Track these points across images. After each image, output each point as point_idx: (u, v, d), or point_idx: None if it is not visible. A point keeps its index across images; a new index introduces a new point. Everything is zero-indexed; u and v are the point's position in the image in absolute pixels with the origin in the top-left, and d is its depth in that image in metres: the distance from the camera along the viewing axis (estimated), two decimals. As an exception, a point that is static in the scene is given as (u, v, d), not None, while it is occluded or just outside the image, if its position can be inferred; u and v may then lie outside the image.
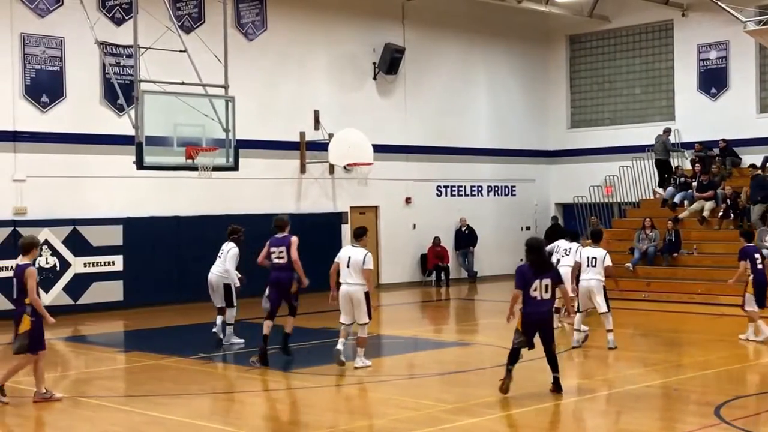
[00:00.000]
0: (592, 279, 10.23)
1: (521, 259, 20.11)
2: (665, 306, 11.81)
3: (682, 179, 17.98)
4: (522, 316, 7.80)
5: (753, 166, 17.41)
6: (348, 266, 9.00)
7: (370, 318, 9.19)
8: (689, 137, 18.99)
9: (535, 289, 7.69)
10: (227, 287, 10.70)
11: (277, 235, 9.76)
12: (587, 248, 10.49)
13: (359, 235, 9.21)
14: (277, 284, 9.66)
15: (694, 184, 17.53)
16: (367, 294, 9.05)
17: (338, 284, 9.25)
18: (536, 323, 7.77)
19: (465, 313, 14.18)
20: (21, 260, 7.84)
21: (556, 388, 7.86)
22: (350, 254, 9.07)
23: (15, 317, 7.82)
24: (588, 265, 10.24)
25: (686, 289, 14.91)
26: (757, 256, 10.73)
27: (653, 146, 18.64)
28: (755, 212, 15.75)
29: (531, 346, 7.84)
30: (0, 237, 13.74)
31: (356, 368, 9.21)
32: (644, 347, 10.76)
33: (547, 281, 7.71)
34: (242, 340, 10.76)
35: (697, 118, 18.80)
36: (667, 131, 18.56)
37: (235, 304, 10.81)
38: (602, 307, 10.27)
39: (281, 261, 9.63)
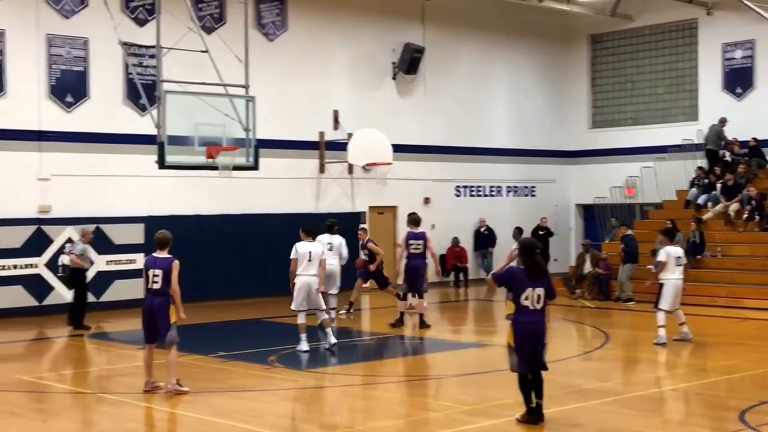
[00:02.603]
0: (681, 278, 10.77)
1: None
2: (688, 309, 11.69)
3: (706, 181, 17.74)
4: (514, 328, 6.80)
5: None
6: (310, 260, 10.28)
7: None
8: (713, 138, 18.72)
9: (527, 298, 6.72)
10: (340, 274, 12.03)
11: (414, 230, 12.22)
12: (671, 247, 10.90)
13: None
14: (415, 270, 11.97)
15: (719, 185, 17.29)
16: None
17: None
18: (531, 335, 6.73)
19: (483, 314, 14.14)
20: (160, 254, 8.10)
21: (537, 416, 6.84)
22: (310, 249, 10.32)
23: (155, 307, 8.00)
24: (675, 265, 10.73)
25: (709, 292, 14.73)
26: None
27: (705, 135, 18.27)
28: (624, 271, 15.53)
29: (530, 367, 6.77)
30: (25, 234, 13.95)
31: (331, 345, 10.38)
32: (667, 350, 10.65)
33: (540, 291, 6.76)
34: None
35: (722, 119, 18.53)
36: (723, 121, 18.11)
37: None
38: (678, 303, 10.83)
39: (418, 251, 12.08)
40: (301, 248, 10.17)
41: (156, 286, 8.01)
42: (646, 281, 12.03)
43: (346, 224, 17.10)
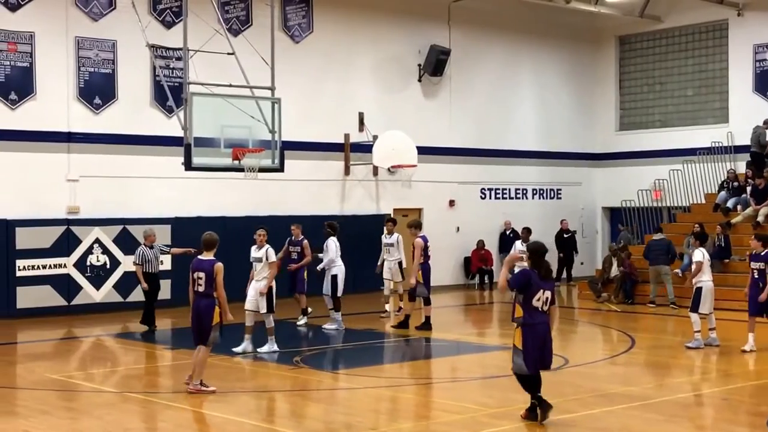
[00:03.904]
0: (711, 281, 10.75)
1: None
2: (715, 313, 11.54)
3: (735, 184, 17.44)
4: (524, 330, 6.93)
5: None
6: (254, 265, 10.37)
7: (267, 310, 10.20)
8: (743, 140, 18.41)
9: (538, 299, 6.92)
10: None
11: (423, 234, 12.31)
12: (704, 250, 10.89)
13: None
14: (430, 273, 12.33)
15: (749, 188, 17.00)
16: (270, 288, 10.15)
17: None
18: (541, 336, 6.91)
19: (508, 316, 13.99)
20: (206, 256, 8.27)
21: (536, 413, 6.94)
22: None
23: (201, 309, 8.14)
24: (708, 267, 10.82)
25: (737, 297, 14.44)
26: None
27: (751, 138, 17.84)
28: (653, 273, 15.34)
29: (538, 368, 6.92)
30: (54, 235, 14.16)
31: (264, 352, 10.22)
32: (693, 355, 10.50)
33: (548, 294, 6.99)
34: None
35: (753, 121, 18.17)
36: (767, 122, 17.65)
37: None
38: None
39: (429, 254, 12.34)
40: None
41: (200, 289, 8.13)
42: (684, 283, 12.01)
43: (370, 226, 17.20)
